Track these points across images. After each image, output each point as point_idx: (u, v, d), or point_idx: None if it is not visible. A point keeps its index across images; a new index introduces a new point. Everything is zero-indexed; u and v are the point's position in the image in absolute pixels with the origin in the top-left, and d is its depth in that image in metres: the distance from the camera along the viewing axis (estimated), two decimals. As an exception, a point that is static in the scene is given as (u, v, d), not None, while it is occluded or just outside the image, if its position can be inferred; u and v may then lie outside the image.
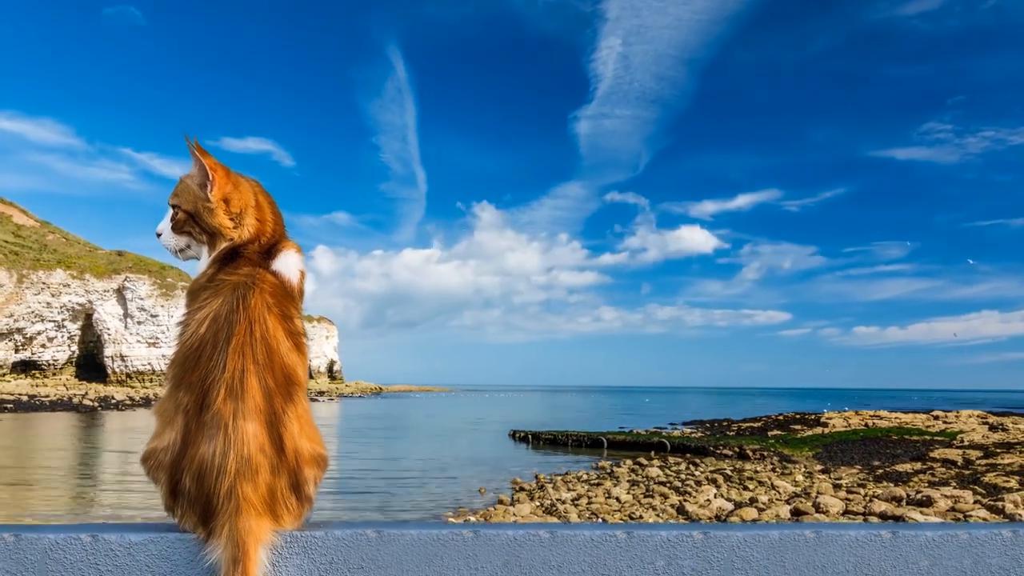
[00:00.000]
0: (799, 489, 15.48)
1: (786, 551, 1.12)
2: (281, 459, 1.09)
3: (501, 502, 14.56)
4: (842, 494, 14.26)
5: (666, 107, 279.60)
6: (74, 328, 62.42)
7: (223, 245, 1.17)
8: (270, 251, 1.18)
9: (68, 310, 61.39)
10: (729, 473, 18.29)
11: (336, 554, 1.10)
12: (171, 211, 1.20)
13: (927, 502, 12.30)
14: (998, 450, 19.33)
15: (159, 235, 1.20)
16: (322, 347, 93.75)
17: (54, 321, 60.87)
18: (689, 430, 33.16)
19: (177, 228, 1.19)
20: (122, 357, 63.28)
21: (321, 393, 78.00)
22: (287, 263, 1.17)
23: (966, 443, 21.61)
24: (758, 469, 19.33)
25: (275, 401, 1.08)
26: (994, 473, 15.65)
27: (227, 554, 1.04)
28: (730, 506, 13.24)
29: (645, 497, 14.96)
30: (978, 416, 29.03)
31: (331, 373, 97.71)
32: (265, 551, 1.06)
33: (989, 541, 1.14)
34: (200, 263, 1.19)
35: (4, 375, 57.87)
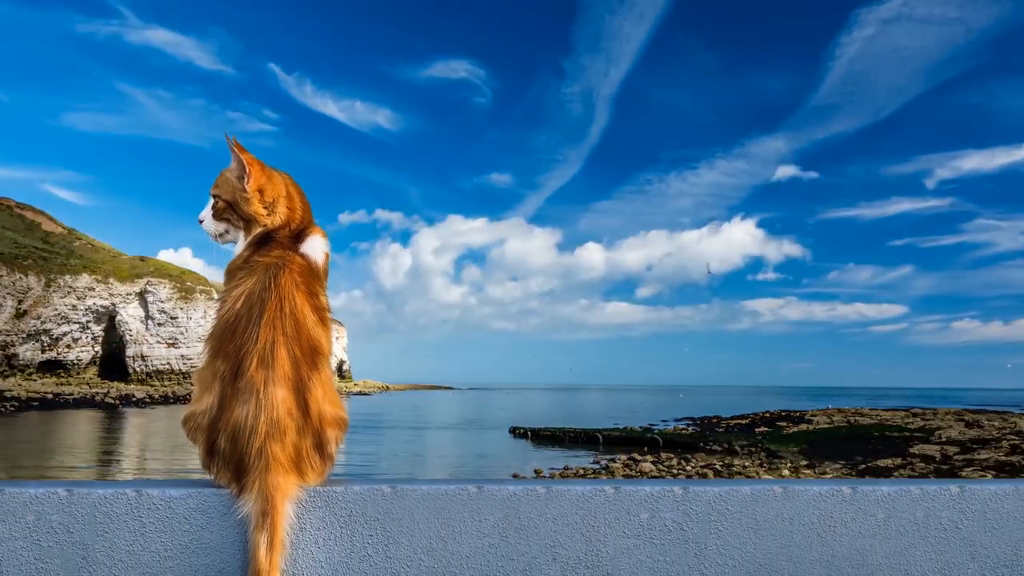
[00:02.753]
0: (785, 482, 15.46)
1: (757, 504, 1.19)
2: (306, 421, 1.15)
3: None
4: (825, 487, 14.23)
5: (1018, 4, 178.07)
6: (98, 329, 62.46)
7: (257, 230, 1.24)
8: (299, 236, 1.25)
9: (92, 312, 61.48)
10: (719, 468, 18.28)
11: (354, 507, 1.16)
12: (212, 200, 1.28)
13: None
14: (974, 446, 19.32)
15: (201, 221, 1.28)
16: (332, 347, 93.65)
17: (79, 323, 60.94)
18: (681, 427, 33.13)
19: (217, 215, 1.27)
20: (143, 357, 63.26)
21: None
22: (314, 246, 1.25)
23: (944, 439, 21.60)
24: (746, 464, 19.32)
25: (302, 369, 1.15)
26: (971, 468, 15.65)
27: (257, 507, 1.10)
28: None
29: (638, 489, 14.95)
30: (955, 413, 29.01)
31: (340, 372, 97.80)
32: (291, 505, 1.13)
33: (939, 496, 1.20)
34: (237, 246, 1.27)
35: (31, 374, 57.88)
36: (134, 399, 50.95)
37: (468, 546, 1.16)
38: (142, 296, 64.21)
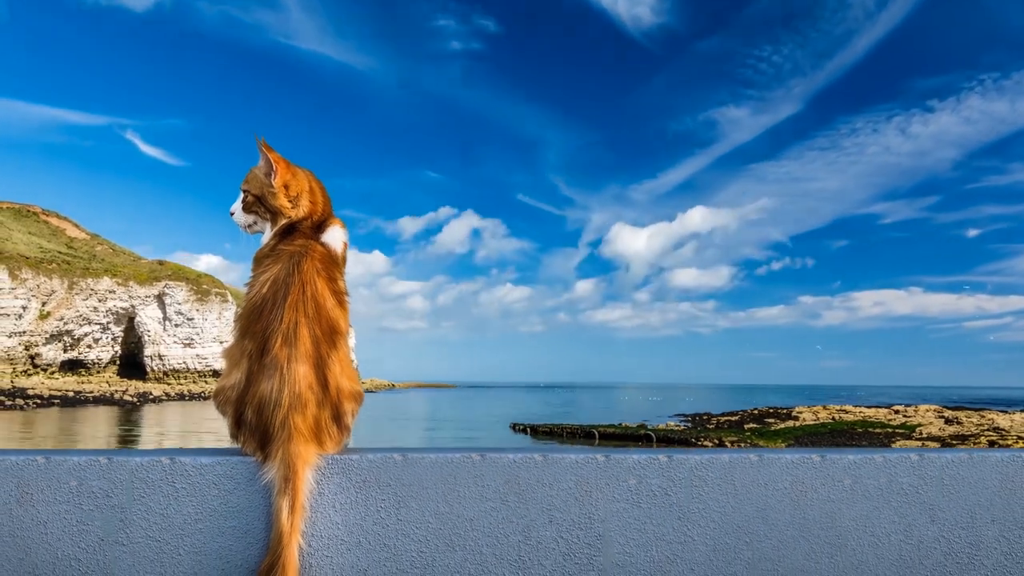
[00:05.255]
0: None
1: (735, 471, 1.23)
2: (325, 395, 1.21)
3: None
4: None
5: None
6: (118, 330, 62.47)
7: (282, 222, 1.30)
8: (320, 227, 1.31)
9: (113, 314, 61.51)
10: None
11: (369, 474, 1.21)
12: (242, 195, 1.35)
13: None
14: (954, 442, 19.31)
15: (232, 214, 1.35)
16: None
17: (100, 324, 60.96)
18: (674, 423, 33.10)
19: (246, 208, 1.34)
20: (160, 356, 63.26)
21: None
22: (333, 236, 1.31)
23: (924, 435, 21.58)
24: (735, 458, 19.28)
25: (321, 348, 1.21)
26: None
27: (280, 474, 1.15)
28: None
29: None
30: (935, 410, 28.98)
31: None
32: (311, 471, 1.18)
33: (900, 463, 1.25)
34: (264, 236, 1.33)
35: (53, 373, 57.89)
36: (151, 396, 50.94)
37: (472, 509, 1.21)
38: (160, 298, 64.26)
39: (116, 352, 63.15)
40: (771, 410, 36.93)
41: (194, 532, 1.17)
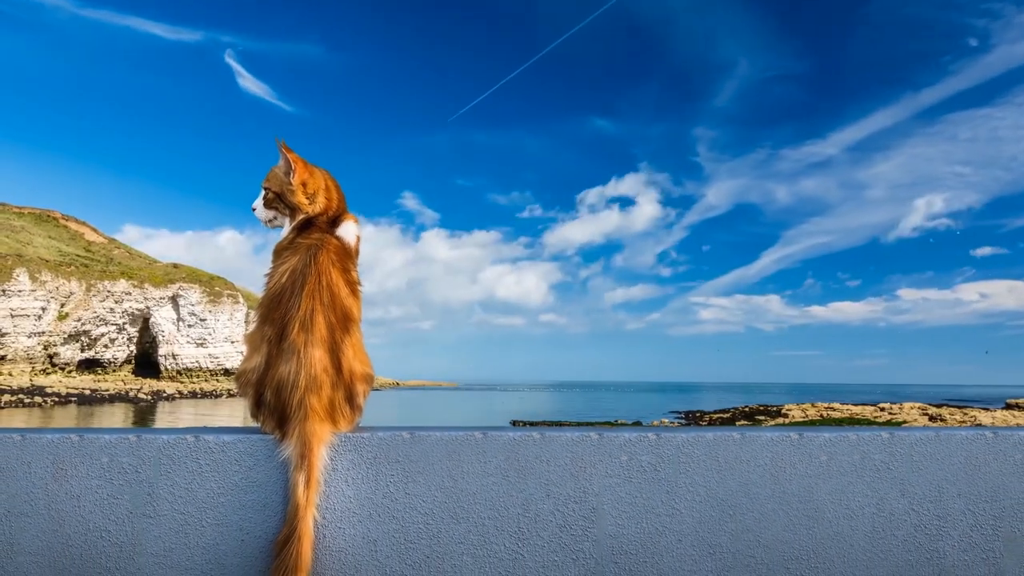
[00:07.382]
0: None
1: (719, 448, 1.27)
2: (339, 377, 1.25)
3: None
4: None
5: None
6: (133, 331, 62.47)
7: (300, 217, 1.36)
8: (335, 221, 1.37)
9: (128, 315, 61.54)
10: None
11: (379, 451, 1.25)
12: (263, 192, 1.40)
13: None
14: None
15: (254, 209, 1.40)
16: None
17: (116, 324, 60.98)
18: (668, 420, 33.09)
19: (267, 205, 1.39)
20: (174, 356, 63.25)
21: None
22: (347, 230, 1.37)
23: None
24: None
25: (336, 333, 1.26)
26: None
27: (296, 451, 1.20)
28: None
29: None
30: (919, 408, 28.97)
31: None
32: (325, 449, 1.23)
33: (872, 441, 1.29)
34: (283, 230, 1.39)
35: (71, 371, 57.92)
36: (165, 394, 50.94)
37: (475, 484, 1.25)
38: (174, 300, 64.33)
39: (131, 352, 63.14)
40: (762, 407, 36.92)
41: (217, 505, 1.22)
